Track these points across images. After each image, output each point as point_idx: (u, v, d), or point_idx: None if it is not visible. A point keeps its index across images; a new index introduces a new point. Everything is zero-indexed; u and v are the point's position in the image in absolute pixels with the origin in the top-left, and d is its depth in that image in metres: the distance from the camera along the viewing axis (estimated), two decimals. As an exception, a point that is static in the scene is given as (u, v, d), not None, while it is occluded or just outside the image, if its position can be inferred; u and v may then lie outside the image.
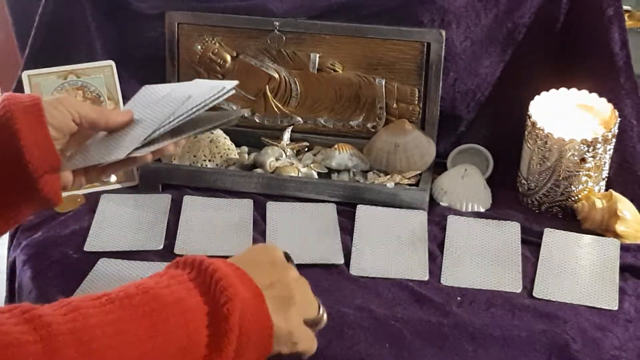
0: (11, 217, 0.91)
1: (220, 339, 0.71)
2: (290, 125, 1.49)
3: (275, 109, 1.50)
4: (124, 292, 0.71)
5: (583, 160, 1.29)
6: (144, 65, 1.52)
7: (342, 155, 1.42)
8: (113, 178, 1.38)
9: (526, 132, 1.34)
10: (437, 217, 1.32)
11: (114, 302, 0.69)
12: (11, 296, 1.28)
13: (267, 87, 1.49)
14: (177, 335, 0.69)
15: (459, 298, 1.14)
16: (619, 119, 1.32)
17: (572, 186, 1.32)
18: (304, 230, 1.27)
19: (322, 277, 1.18)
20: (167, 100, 1.00)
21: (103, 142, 0.97)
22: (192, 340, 0.70)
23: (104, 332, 0.66)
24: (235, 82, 1.04)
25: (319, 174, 1.41)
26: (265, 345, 0.75)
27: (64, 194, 0.97)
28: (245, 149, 1.48)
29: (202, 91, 1.01)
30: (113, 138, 0.97)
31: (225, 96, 1.02)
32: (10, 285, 1.27)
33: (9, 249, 1.33)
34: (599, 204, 1.29)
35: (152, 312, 0.69)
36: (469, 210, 1.35)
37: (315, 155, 1.46)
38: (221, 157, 1.42)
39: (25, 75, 1.40)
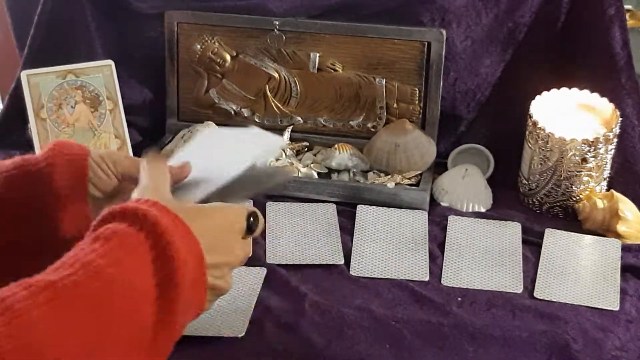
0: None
1: (168, 294, 0.67)
2: (290, 125, 1.49)
3: (275, 109, 1.49)
4: (69, 279, 0.63)
5: (584, 160, 1.29)
6: (143, 65, 1.52)
7: (342, 155, 1.41)
8: None
9: (527, 132, 1.34)
10: (438, 217, 1.31)
11: (58, 298, 0.61)
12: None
13: (267, 86, 1.48)
14: (126, 319, 0.65)
15: (459, 298, 1.14)
16: (620, 119, 1.32)
17: (573, 186, 1.31)
18: (304, 230, 1.27)
19: (322, 277, 1.17)
20: (222, 159, 0.93)
21: None
22: (141, 320, 0.66)
23: (45, 333, 0.59)
24: (282, 140, 0.98)
25: (319, 174, 1.41)
26: (199, 303, 0.73)
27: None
28: (245, 148, 1.48)
29: (255, 151, 0.93)
30: None
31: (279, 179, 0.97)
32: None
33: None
34: (600, 204, 1.29)
35: (100, 302, 0.63)
36: (470, 210, 1.35)
37: (315, 155, 1.46)
38: (221, 157, 1.42)
39: (24, 74, 1.39)
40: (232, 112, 1.51)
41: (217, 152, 0.95)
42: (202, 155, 0.94)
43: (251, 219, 0.79)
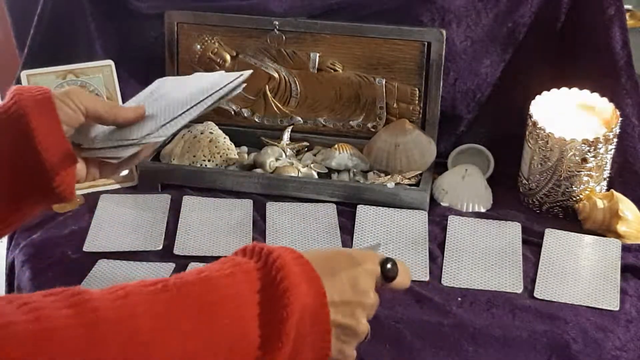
0: (24, 214, 0.90)
1: (274, 341, 0.67)
2: (290, 125, 1.49)
3: (275, 109, 1.49)
4: (182, 279, 0.67)
5: (584, 160, 1.29)
6: (143, 65, 1.52)
7: (342, 155, 1.41)
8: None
9: (527, 132, 1.34)
10: (438, 217, 1.31)
11: (168, 291, 0.65)
12: (10, 297, 1.27)
13: (267, 86, 1.48)
14: (230, 332, 0.66)
15: (459, 298, 1.14)
16: (620, 119, 1.32)
17: (573, 186, 1.31)
18: (304, 231, 1.27)
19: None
20: (179, 91, 0.98)
21: (114, 134, 0.96)
22: (245, 339, 0.67)
23: (151, 324, 0.62)
24: (249, 72, 1.01)
25: (319, 174, 1.41)
26: (323, 347, 0.72)
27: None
28: (245, 149, 1.48)
29: (215, 80, 0.99)
30: (123, 130, 0.96)
31: (240, 87, 0.99)
32: (9, 286, 1.27)
33: (7, 249, 1.32)
34: (600, 204, 1.29)
35: (206, 305, 0.66)
36: (470, 210, 1.35)
37: (315, 155, 1.46)
38: (221, 157, 1.42)
39: (24, 74, 1.39)
40: (232, 112, 1.51)
41: (173, 89, 1.00)
42: (159, 95, 0.99)
43: (388, 265, 0.78)
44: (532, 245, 1.25)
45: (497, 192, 1.40)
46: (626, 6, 1.46)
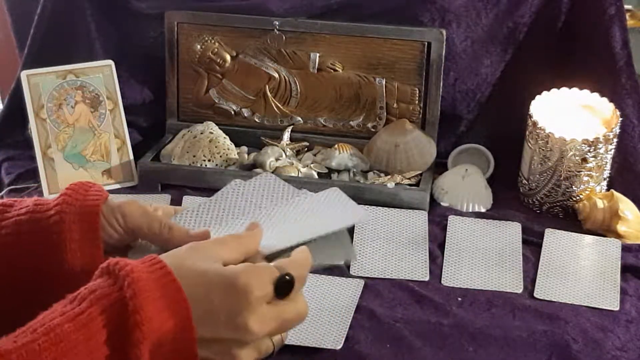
0: None
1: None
2: (290, 125, 1.49)
3: (275, 109, 1.49)
4: (28, 347, 0.59)
5: (584, 160, 1.29)
6: (143, 65, 1.52)
7: (342, 155, 1.41)
8: None
9: (527, 132, 1.34)
10: (438, 217, 1.31)
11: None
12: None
13: (267, 86, 1.48)
14: None
15: (459, 298, 1.14)
16: (620, 119, 1.32)
17: (573, 186, 1.31)
18: (303, 231, 1.27)
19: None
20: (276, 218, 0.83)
21: None
22: None
23: None
24: (362, 213, 0.89)
25: (319, 174, 1.41)
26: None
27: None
28: (245, 148, 1.48)
29: (329, 220, 0.84)
30: None
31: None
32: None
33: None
34: (600, 204, 1.28)
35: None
36: (470, 210, 1.35)
37: (315, 155, 1.46)
38: (221, 157, 1.42)
39: (24, 74, 1.39)
40: (232, 112, 1.51)
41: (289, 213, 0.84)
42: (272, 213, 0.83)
43: (285, 279, 0.68)
44: (532, 245, 1.25)
45: (497, 192, 1.39)
46: (626, 6, 1.46)
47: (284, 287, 0.67)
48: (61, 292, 0.71)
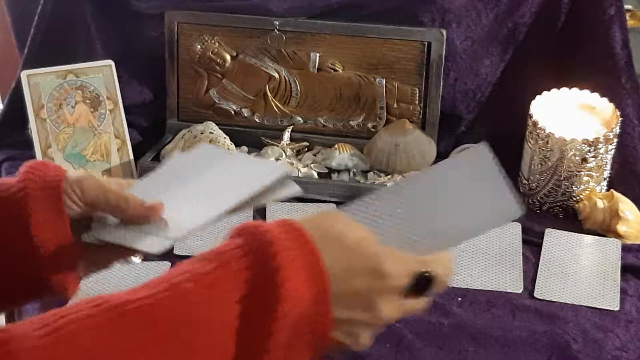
0: (13, 305, 0.83)
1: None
2: (290, 125, 1.49)
3: (275, 109, 1.49)
4: (145, 301, 0.58)
5: (584, 160, 1.29)
6: (143, 65, 1.52)
7: (342, 155, 1.41)
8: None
9: (527, 132, 1.34)
10: (438, 217, 1.31)
11: (125, 316, 0.57)
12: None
13: (267, 86, 1.48)
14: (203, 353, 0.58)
15: (459, 298, 1.14)
16: (620, 119, 1.32)
17: (574, 186, 1.31)
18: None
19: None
20: (203, 182, 0.87)
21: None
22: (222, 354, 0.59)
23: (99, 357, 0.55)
24: (284, 169, 0.89)
25: (319, 174, 1.41)
26: (322, 339, 0.62)
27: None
28: (245, 148, 1.48)
29: (251, 176, 0.87)
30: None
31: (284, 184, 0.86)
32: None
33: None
34: (600, 204, 1.28)
35: (175, 329, 0.58)
36: (470, 210, 1.35)
37: (315, 155, 1.46)
38: (221, 157, 1.42)
39: (24, 74, 1.39)
40: (232, 112, 1.51)
41: (212, 176, 0.88)
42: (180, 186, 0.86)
43: (425, 277, 0.66)
44: (532, 245, 1.25)
45: (497, 192, 1.39)
46: (626, 6, 1.46)
47: (420, 285, 0.66)
48: (29, 269, 0.75)
